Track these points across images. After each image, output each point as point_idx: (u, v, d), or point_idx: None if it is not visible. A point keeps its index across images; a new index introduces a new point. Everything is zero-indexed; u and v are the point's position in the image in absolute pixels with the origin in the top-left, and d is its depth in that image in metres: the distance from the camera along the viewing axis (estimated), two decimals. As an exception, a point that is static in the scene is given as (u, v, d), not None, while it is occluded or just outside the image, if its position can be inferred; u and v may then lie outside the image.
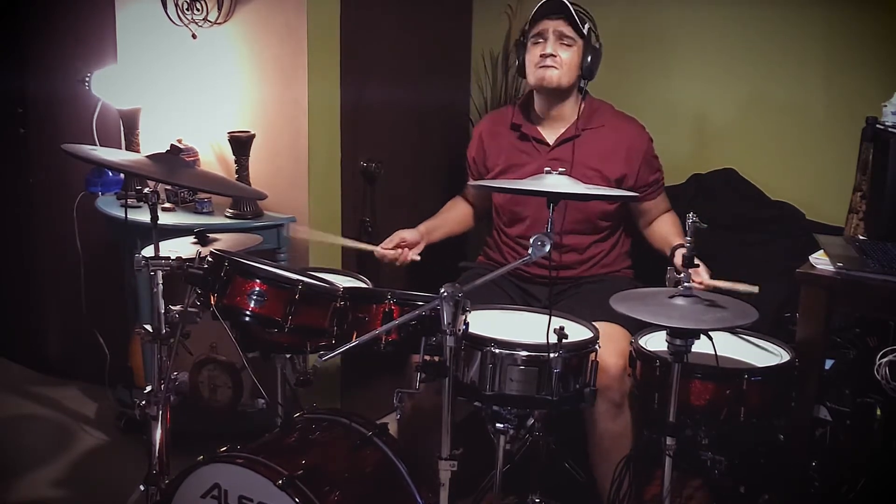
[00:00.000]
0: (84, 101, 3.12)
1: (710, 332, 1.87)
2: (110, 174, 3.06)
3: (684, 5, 3.11)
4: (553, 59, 2.49)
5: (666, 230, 2.59)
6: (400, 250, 2.55)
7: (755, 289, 2.16)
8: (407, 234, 2.57)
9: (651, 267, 2.59)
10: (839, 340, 2.39)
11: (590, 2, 2.54)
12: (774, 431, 2.29)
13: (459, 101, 3.59)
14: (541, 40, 2.51)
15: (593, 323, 2.13)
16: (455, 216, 2.80)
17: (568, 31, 2.47)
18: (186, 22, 2.97)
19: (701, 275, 2.26)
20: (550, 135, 2.58)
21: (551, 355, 1.89)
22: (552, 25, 2.49)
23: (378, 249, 2.55)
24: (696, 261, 2.24)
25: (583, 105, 2.57)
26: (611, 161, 2.54)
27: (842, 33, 2.85)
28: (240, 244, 2.20)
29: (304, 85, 2.83)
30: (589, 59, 2.50)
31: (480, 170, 2.71)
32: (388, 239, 2.57)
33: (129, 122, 3.09)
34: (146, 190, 2.03)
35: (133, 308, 3.04)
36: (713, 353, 1.90)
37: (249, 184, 2.86)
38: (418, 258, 2.57)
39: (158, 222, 2.03)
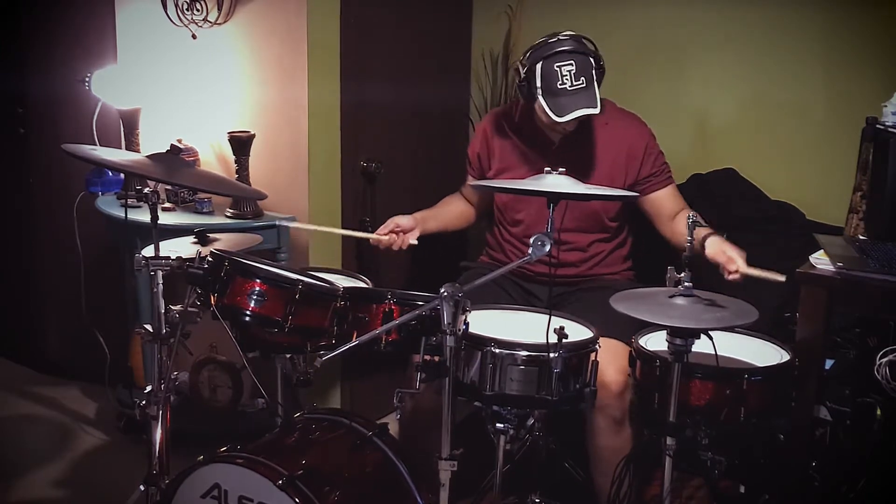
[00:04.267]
0: (84, 101, 3.12)
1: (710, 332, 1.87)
2: (110, 174, 3.06)
3: (685, 6, 3.11)
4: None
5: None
6: (395, 236, 2.54)
7: (782, 277, 2.12)
8: (401, 220, 2.56)
9: (651, 269, 2.59)
10: (839, 340, 2.39)
11: (593, 2, 2.53)
12: (774, 431, 2.29)
13: (459, 101, 3.59)
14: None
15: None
16: (451, 211, 2.78)
17: (596, 112, 2.36)
18: (186, 22, 2.97)
19: (737, 262, 2.21)
20: (554, 133, 2.58)
21: (551, 355, 1.89)
22: (581, 118, 2.38)
23: (374, 236, 2.54)
24: (731, 249, 2.23)
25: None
26: (614, 158, 2.53)
27: (842, 33, 2.85)
28: (240, 244, 2.20)
29: (304, 85, 2.83)
30: (599, 85, 2.40)
31: (483, 166, 2.70)
32: (382, 225, 2.56)
33: (129, 122, 3.09)
34: (146, 190, 2.03)
35: (133, 308, 3.04)
36: (713, 353, 1.90)
37: (249, 184, 2.86)
38: (415, 242, 2.55)
39: (158, 222, 2.03)
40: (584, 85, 2.33)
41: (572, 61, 2.33)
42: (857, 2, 2.82)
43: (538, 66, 2.35)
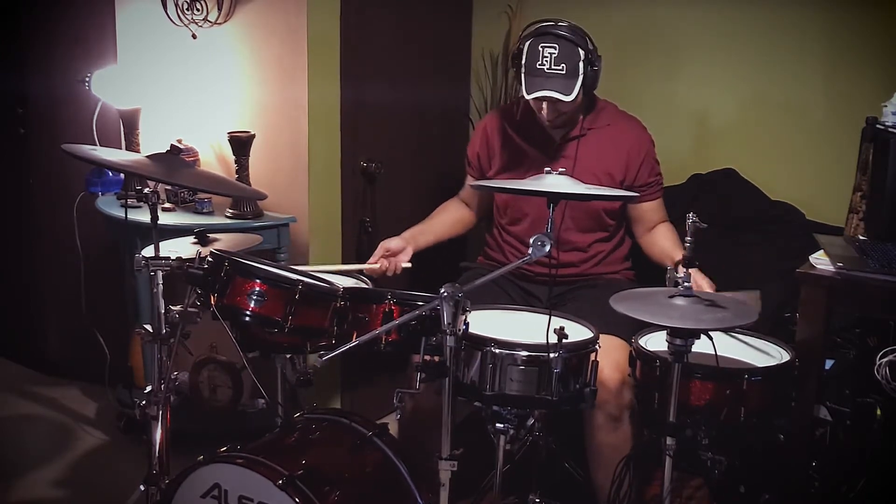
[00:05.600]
0: (84, 101, 3.12)
1: (710, 332, 1.87)
2: (110, 174, 3.06)
3: (685, 6, 3.11)
4: (553, 120, 2.47)
5: (668, 244, 2.53)
6: (388, 261, 2.53)
7: (756, 294, 2.13)
8: (390, 243, 2.55)
9: (651, 269, 2.59)
10: (839, 340, 2.39)
11: (593, 2, 2.52)
12: (774, 431, 2.29)
13: (459, 101, 3.59)
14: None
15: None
16: (445, 220, 2.77)
17: (563, 98, 2.36)
18: (186, 22, 2.97)
19: (703, 288, 2.23)
20: (556, 132, 2.58)
21: (551, 355, 1.89)
22: (544, 99, 2.39)
23: (366, 266, 2.53)
24: (704, 280, 2.24)
25: (588, 105, 2.57)
26: (614, 160, 2.54)
27: (842, 33, 2.86)
28: (240, 244, 2.20)
29: (304, 85, 2.83)
30: (589, 83, 2.41)
31: (483, 166, 2.70)
32: (373, 254, 2.55)
33: (129, 122, 3.09)
34: (146, 190, 2.03)
35: (133, 308, 3.04)
36: (713, 353, 1.90)
37: (249, 184, 2.86)
38: (409, 265, 2.55)
39: (158, 222, 2.03)
40: (563, 72, 2.34)
41: (556, 45, 2.34)
42: (857, 2, 2.82)
43: (526, 45, 2.38)
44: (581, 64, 2.36)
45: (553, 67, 2.34)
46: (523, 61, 2.38)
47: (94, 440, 3.10)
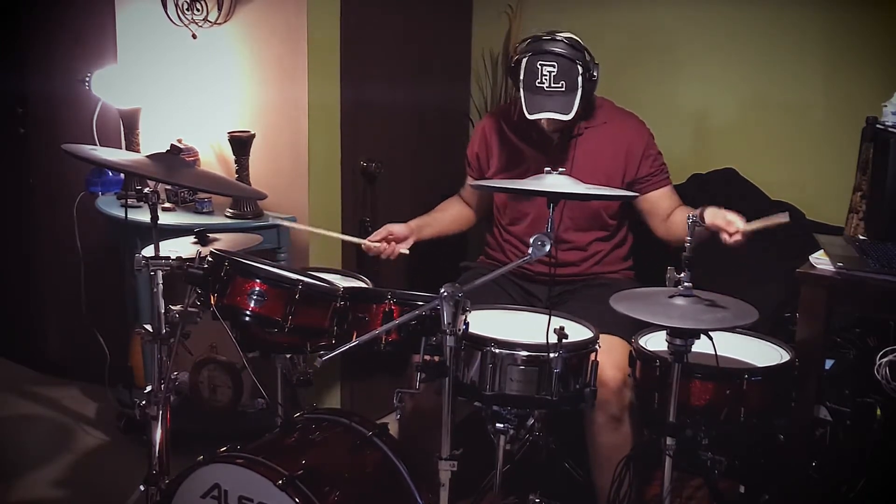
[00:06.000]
0: (84, 101, 3.12)
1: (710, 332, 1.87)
2: (110, 174, 3.06)
3: (685, 6, 3.11)
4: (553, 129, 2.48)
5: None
6: (387, 244, 2.54)
7: (786, 217, 2.12)
8: (395, 228, 2.56)
9: (651, 269, 2.59)
10: (839, 340, 2.39)
11: (593, 2, 2.52)
12: (774, 431, 2.29)
13: (459, 101, 3.59)
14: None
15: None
16: (448, 216, 2.78)
17: (563, 118, 2.37)
18: (186, 22, 2.97)
19: (736, 223, 2.21)
20: (553, 133, 2.58)
21: (551, 355, 1.89)
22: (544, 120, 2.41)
23: (365, 242, 2.54)
24: (729, 213, 2.23)
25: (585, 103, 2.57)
26: (613, 157, 2.54)
27: (842, 33, 2.86)
28: (240, 244, 2.20)
29: (304, 85, 2.83)
30: (587, 91, 2.42)
31: (482, 166, 2.70)
32: (375, 232, 2.56)
33: (129, 122, 3.09)
34: (146, 190, 2.03)
35: (133, 308, 3.04)
36: (713, 353, 1.90)
37: (249, 184, 2.86)
38: (407, 252, 2.55)
39: (158, 222, 2.03)
40: (563, 89, 2.35)
41: (555, 63, 2.35)
42: (857, 2, 2.82)
43: (524, 60, 2.38)
44: (580, 79, 2.37)
45: (552, 86, 2.36)
46: (521, 77, 2.38)
47: (94, 440, 3.10)
